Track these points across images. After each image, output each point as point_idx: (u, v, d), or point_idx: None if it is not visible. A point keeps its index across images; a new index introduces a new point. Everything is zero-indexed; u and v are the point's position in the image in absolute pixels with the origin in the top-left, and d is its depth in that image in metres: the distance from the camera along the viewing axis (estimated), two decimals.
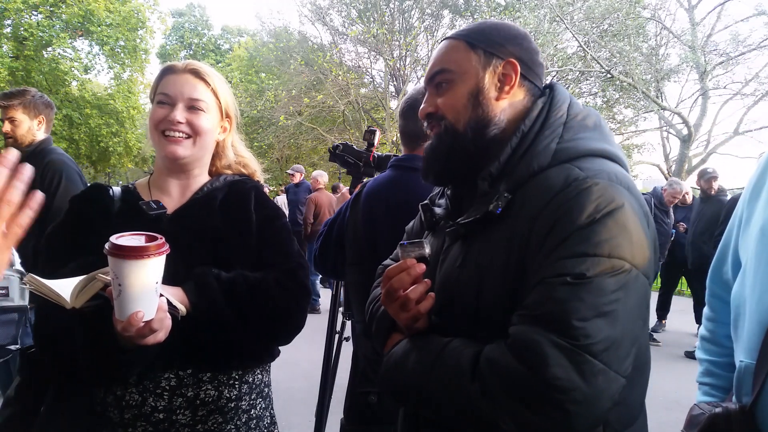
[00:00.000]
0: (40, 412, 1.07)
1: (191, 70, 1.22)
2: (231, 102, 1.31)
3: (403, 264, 0.91)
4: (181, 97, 1.19)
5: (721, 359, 1.14)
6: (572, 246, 0.75)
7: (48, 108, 2.78)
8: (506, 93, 0.93)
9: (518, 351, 0.74)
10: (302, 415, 3.63)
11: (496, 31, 0.96)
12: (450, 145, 0.95)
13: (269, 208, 1.33)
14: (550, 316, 0.73)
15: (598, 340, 0.71)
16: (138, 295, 0.88)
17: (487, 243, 0.87)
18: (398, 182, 1.65)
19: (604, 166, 0.84)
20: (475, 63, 0.94)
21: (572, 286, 0.73)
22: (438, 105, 0.97)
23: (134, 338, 0.93)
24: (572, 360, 0.70)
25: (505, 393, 0.74)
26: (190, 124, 1.20)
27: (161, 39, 29.54)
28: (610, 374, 0.72)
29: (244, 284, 1.15)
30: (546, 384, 0.70)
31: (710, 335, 1.19)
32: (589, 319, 0.71)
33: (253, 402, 1.26)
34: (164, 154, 1.21)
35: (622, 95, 15.27)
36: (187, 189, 1.28)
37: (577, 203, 0.77)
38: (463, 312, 0.89)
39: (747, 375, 0.92)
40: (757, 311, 0.91)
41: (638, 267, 0.76)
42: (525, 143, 0.89)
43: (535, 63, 0.97)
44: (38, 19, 15.22)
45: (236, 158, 1.38)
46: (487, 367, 0.77)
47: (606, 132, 0.93)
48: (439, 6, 17.16)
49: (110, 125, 17.00)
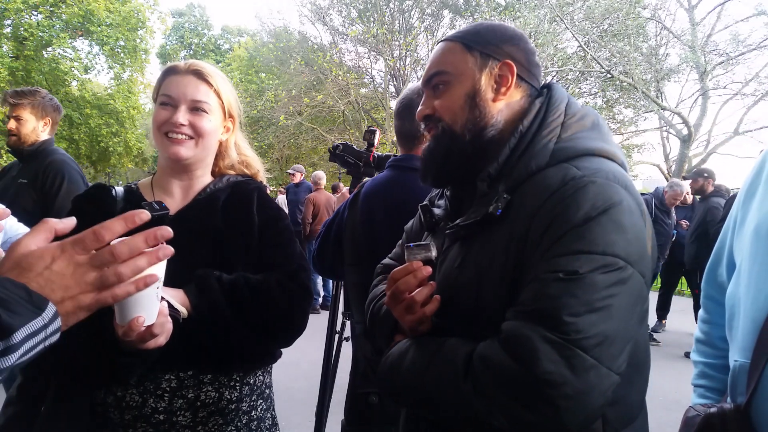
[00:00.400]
0: (41, 412, 1.07)
1: (194, 71, 1.22)
2: (234, 101, 1.30)
3: (409, 266, 0.91)
4: (183, 98, 1.19)
5: (715, 361, 1.14)
6: (567, 244, 0.75)
7: (56, 111, 2.79)
8: (503, 94, 0.94)
9: (509, 346, 0.74)
10: (302, 415, 3.63)
11: (492, 32, 0.96)
12: (447, 147, 0.95)
13: (272, 209, 1.33)
14: (542, 311, 0.73)
15: (590, 335, 0.71)
16: (139, 301, 0.87)
17: (486, 244, 0.87)
18: (396, 182, 1.65)
19: (602, 165, 0.84)
20: (471, 65, 0.94)
21: (565, 282, 0.73)
22: (435, 107, 0.97)
23: (135, 343, 0.92)
24: (563, 355, 0.70)
25: (497, 389, 0.74)
26: (192, 126, 1.19)
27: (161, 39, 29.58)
28: (602, 370, 0.71)
29: (246, 286, 1.15)
30: (536, 379, 0.70)
31: (705, 337, 1.18)
32: (581, 314, 0.71)
33: (254, 403, 1.26)
34: (167, 155, 1.21)
35: (622, 95, 15.27)
36: (190, 189, 1.28)
37: (573, 201, 0.77)
38: (463, 313, 0.89)
39: (741, 374, 0.92)
40: (752, 310, 0.91)
41: (633, 265, 0.76)
42: (523, 143, 0.89)
43: (532, 63, 0.97)
44: (38, 19, 15.20)
45: (239, 158, 1.38)
46: (479, 363, 0.77)
47: (604, 131, 0.93)
48: (439, 6, 17.16)
49: (110, 125, 16.98)
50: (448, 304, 0.92)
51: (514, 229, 0.83)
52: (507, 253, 0.83)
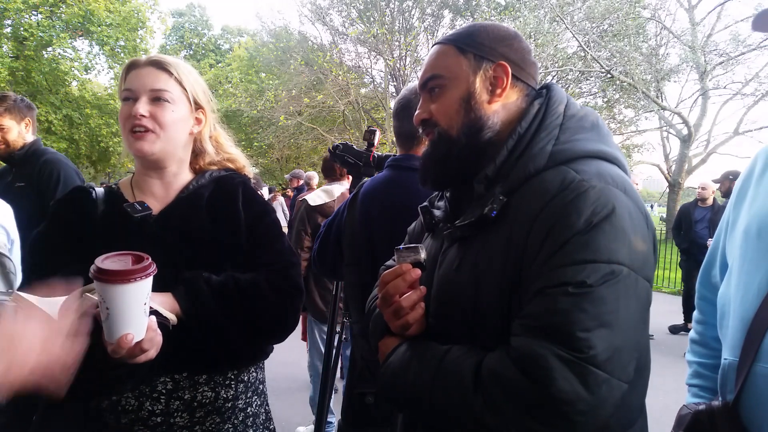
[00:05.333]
0: (33, 419, 1.05)
1: (153, 62, 1.18)
2: (201, 91, 1.25)
3: (398, 269, 0.92)
4: (143, 89, 1.15)
5: (709, 361, 1.15)
6: (571, 253, 0.75)
7: (30, 109, 2.79)
8: (498, 96, 0.93)
9: (522, 364, 0.74)
10: (302, 415, 3.63)
11: (485, 33, 0.95)
12: (445, 152, 0.95)
13: (258, 204, 1.30)
14: (553, 327, 0.73)
15: (602, 350, 0.71)
16: (127, 318, 0.86)
17: (484, 246, 0.87)
18: (395, 182, 1.65)
19: (601, 167, 0.84)
20: (465, 67, 0.93)
21: (574, 296, 0.73)
22: (431, 111, 0.96)
23: (125, 358, 0.91)
24: (577, 372, 0.70)
25: (510, 405, 0.74)
26: (153, 117, 1.14)
27: (161, 39, 29.60)
28: (613, 382, 0.72)
29: (235, 287, 1.13)
30: (552, 397, 0.71)
31: (699, 337, 1.20)
32: (592, 329, 0.71)
33: (249, 400, 1.26)
34: (133, 153, 1.17)
35: (622, 95, 15.28)
36: (171, 188, 1.24)
37: (574, 208, 0.77)
38: (460, 315, 0.88)
39: (731, 372, 0.94)
40: (740, 309, 0.93)
41: (638, 271, 0.76)
42: (521, 145, 0.89)
43: (527, 63, 0.96)
44: (38, 19, 15.21)
45: (221, 154, 1.34)
46: (490, 378, 0.76)
47: (604, 132, 0.92)
48: (439, 6, 17.17)
49: (110, 125, 16.95)
50: (447, 305, 0.91)
51: (512, 232, 0.82)
52: (506, 257, 0.82)
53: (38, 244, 1.17)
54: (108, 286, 0.84)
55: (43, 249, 1.16)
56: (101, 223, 1.16)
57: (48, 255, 1.14)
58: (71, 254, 1.08)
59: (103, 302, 0.86)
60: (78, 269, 0.96)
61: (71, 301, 0.91)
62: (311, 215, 3.23)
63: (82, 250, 0.98)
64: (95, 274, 0.84)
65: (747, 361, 0.90)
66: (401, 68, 17.15)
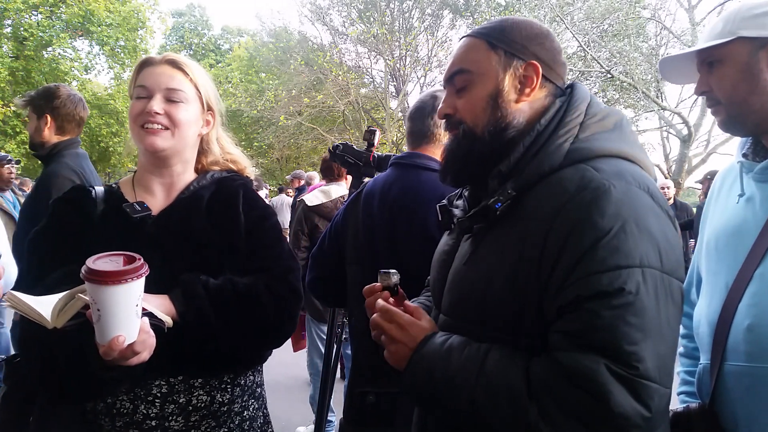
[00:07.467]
0: (29, 421, 1.04)
1: (169, 61, 1.19)
2: (213, 94, 1.26)
3: (370, 287, 1.02)
4: (158, 88, 1.15)
5: (693, 368, 1.20)
6: (603, 259, 0.73)
7: (51, 105, 2.58)
8: (527, 95, 0.91)
9: (576, 380, 0.73)
10: (302, 415, 3.63)
11: (517, 30, 0.93)
12: (468, 149, 0.93)
13: (259, 207, 1.29)
14: (601, 342, 0.72)
15: (650, 361, 0.72)
16: (118, 320, 0.86)
17: (496, 241, 0.86)
18: (397, 180, 1.65)
19: (621, 166, 0.82)
20: (495, 64, 0.91)
21: (616, 309, 0.72)
22: (456, 107, 0.95)
23: (117, 361, 0.90)
24: (630, 387, 0.71)
25: (565, 417, 0.73)
26: (168, 115, 1.15)
27: (161, 39, 29.54)
28: (662, 390, 0.73)
29: (233, 292, 1.12)
30: (608, 413, 0.71)
31: (684, 350, 1.27)
32: (638, 342, 0.71)
33: (245, 404, 1.24)
34: (144, 147, 1.16)
35: (622, 95, 15.26)
36: (172, 188, 1.24)
37: (597, 208, 0.75)
38: (472, 310, 0.88)
39: (705, 375, 1.00)
40: (707, 314, 1.01)
41: (671, 273, 0.76)
42: (538, 143, 0.87)
43: (557, 63, 0.94)
44: (38, 19, 15.21)
45: (224, 155, 1.33)
46: (542, 390, 0.75)
47: (627, 133, 0.90)
48: (439, 6, 17.15)
49: (110, 125, 16.97)
50: (458, 299, 0.91)
51: (528, 230, 0.81)
52: (519, 253, 0.81)
53: (36, 243, 1.16)
54: (99, 287, 0.83)
55: (41, 248, 1.15)
56: (100, 223, 1.15)
57: (45, 254, 1.13)
58: (69, 253, 1.07)
59: (94, 303, 0.85)
60: (75, 269, 0.94)
61: (64, 300, 0.91)
62: (308, 215, 3.23)
63: (80, 249, 0.97)
64: (86, 274, 0.83)
65: (717, 361, 0.95)
66: (401, 68, 17.16)
